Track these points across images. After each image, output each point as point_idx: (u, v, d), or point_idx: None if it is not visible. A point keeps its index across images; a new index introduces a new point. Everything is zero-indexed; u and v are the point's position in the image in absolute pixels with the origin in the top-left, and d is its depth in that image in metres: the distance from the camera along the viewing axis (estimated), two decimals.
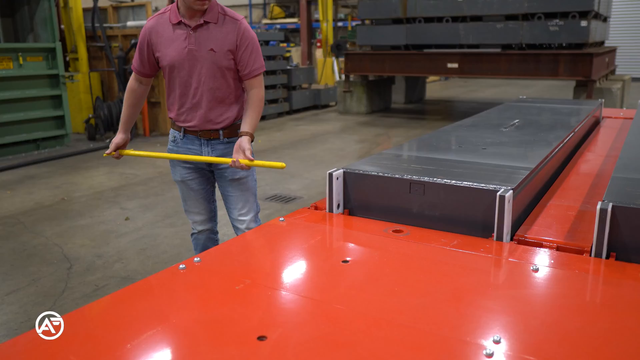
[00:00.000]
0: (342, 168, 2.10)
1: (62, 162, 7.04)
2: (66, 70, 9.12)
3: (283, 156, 6.97)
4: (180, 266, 1.54)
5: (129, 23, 8.90)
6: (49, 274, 3.59)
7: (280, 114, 11.27)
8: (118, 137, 2.69)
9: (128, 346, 1.15)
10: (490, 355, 1.09)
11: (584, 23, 8.72)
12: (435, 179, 1.90)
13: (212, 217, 2.86)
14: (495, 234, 1.74)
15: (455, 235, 1.79)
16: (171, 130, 2.75)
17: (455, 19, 9.81)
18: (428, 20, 10.11)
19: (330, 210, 2.07)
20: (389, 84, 12.81)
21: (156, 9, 21.94)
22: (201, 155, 2.64)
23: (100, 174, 6.36)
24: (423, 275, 1.52)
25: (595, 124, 4.13)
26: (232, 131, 2.67)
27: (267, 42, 10.96)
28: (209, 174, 2.78)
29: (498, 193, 1.72)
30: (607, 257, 1.60)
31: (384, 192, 2.01)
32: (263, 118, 10.70)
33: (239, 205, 2.73)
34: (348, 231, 1.92)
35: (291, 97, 11.52)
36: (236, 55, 2.53)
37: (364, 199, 2.06)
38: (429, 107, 13.33)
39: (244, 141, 2.46)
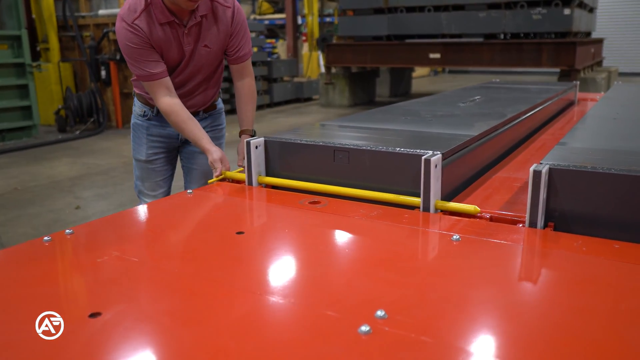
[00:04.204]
0: (264, 136, 1.89)
1: (26, 153, 6.79)
2: (37, 60, 8.86)
3: None
4: (45, 238, 1.32)
5: (101, 12, 8.64)
6: None
7: (260, 107, 11.04)
8: (215, 153, 2.05)
9: None
10: (367, 333, 0.88)
11: (567, 11, 8.52)
12: (359, 145, 1.69)
13: None
14: (421, 204, 1.53)
15: (376, 206, 1.57)
16: (139, 105, 2.44)
17: (437, 8, 9.59)
18: (410, 9, 9.88)
19: (250, 182, 1.86)
20: (373, 77, 12.58)
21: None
22: (175, 132, 2.42)
23: (62, 164, 6.12)
24: (323, 248, 1.31)
25: (569, 105, 3.94)
26: (211, 106, 2.50)
27: None
28: (175, 154, 2.58)
29: (423, 157, 1.51)
30: (544, 227, 1.39)
31: (307, 162, 1.80)
32: None
33: (203, 181, 2.52)
34: (258, 203, 1.71)
35: (272, 90, 11.28)
36: (228, 42, 2.28)
37: (287, 170, 1.85)
38: None
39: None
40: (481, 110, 2.55)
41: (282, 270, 1.16)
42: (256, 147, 1.85)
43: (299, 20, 16.65)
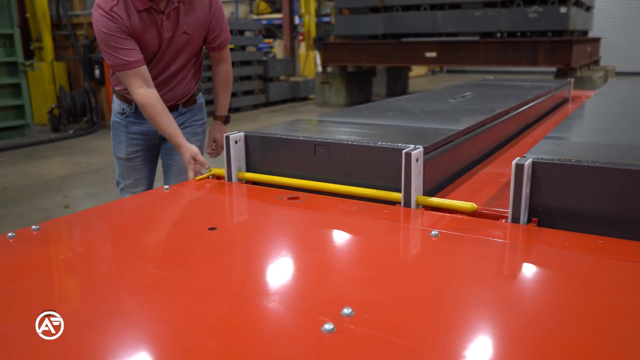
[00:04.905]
0: (244, 131, 1.84)
1: (18, 152, 6.73)
2: (31, 59, 8.80)
3: None
4: (9, 234, 1.28)
5: None
6: None
7: (256, 106, 10.98)
8: (189, 151, 2.01)
9: None
10: (330, 331, 0.83)
11: (563, 9, 8.48)
12: (341, 139, 1.64)
13: None
14: (402, 199, 1.49)
15: (355, 201, 1.53)
16: (118, 102, 2.40)
17: (433, 7, 9.54)
18: (406, 8, 9.83)
19: (229, 178, 1.81)
20: (370, 76, 12.52)
21: None
22: (154, 129, 2.36)
23: (53, 164, 6.06)
24: (296, 244, 1.26)
25: (564, 102, 3.89)
26: (191, 100, 2.44)
27: (241, 32, 10.64)
28: (156, 151, 2.53)
29: (404, 151, 1.46)
30: (527, 222, 1.34)
31: (288, 157, 1.75)
32: (237, 110, 10.40)
33: (181, 177, 2.47)
34: (235, 199, 1.66)
35: (268, 89, 11.22)
36: (207, 28, 2.24)
37: (267, 165, 1.80)
38: None
39: (223, 130, 2.21)
40: (470, 106, 2.50)
41: (250, 268, 1.11)
42: (236, 142, 1.80)
43: (296, 20, 16.59)
